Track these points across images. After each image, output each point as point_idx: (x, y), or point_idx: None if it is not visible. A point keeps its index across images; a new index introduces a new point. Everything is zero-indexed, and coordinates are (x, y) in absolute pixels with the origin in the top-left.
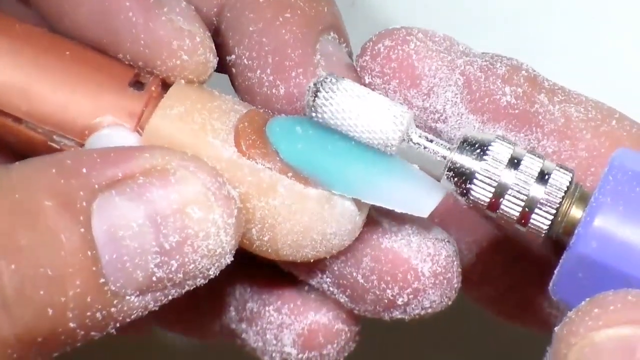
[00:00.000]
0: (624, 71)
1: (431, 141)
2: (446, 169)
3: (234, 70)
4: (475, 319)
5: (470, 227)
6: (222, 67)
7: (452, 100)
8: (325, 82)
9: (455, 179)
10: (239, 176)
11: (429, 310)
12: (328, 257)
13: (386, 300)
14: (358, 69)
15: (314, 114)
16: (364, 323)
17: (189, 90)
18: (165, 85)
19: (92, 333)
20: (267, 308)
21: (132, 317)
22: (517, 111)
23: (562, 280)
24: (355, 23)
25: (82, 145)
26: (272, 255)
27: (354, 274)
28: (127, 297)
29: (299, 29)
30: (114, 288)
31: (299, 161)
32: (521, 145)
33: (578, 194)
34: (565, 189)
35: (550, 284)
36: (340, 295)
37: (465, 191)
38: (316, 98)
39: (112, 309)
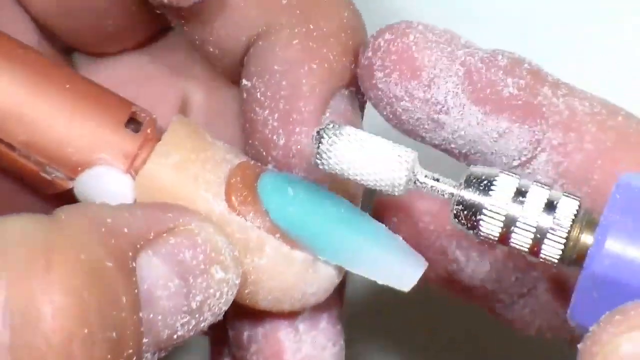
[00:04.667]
0: (628, 71)
1: (437, 180)
2: (454, 205)
3: (245, 94)
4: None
5: None
6: (236, 82)
7: (453, 91)
8: (327, 129)
9: (465, 213)
10: (228, 232)
11: None
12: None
13: None
14: (361, 66)
15: (319, 161)
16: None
17: (184, 136)
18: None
19: None
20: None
21: None
22: (520, 102)
23: (578, 303)
24: None
25: (72, 179)
26: (248, 305)
27: None
28: (144, 356)
29: (318, 83)
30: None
31: (289, 224)
32: (526, 176)
33: (587, 219)
34: (573, 215)
35: (568, 310)
36: None
37: (475, 227)
38: (320, 145)
39: None
